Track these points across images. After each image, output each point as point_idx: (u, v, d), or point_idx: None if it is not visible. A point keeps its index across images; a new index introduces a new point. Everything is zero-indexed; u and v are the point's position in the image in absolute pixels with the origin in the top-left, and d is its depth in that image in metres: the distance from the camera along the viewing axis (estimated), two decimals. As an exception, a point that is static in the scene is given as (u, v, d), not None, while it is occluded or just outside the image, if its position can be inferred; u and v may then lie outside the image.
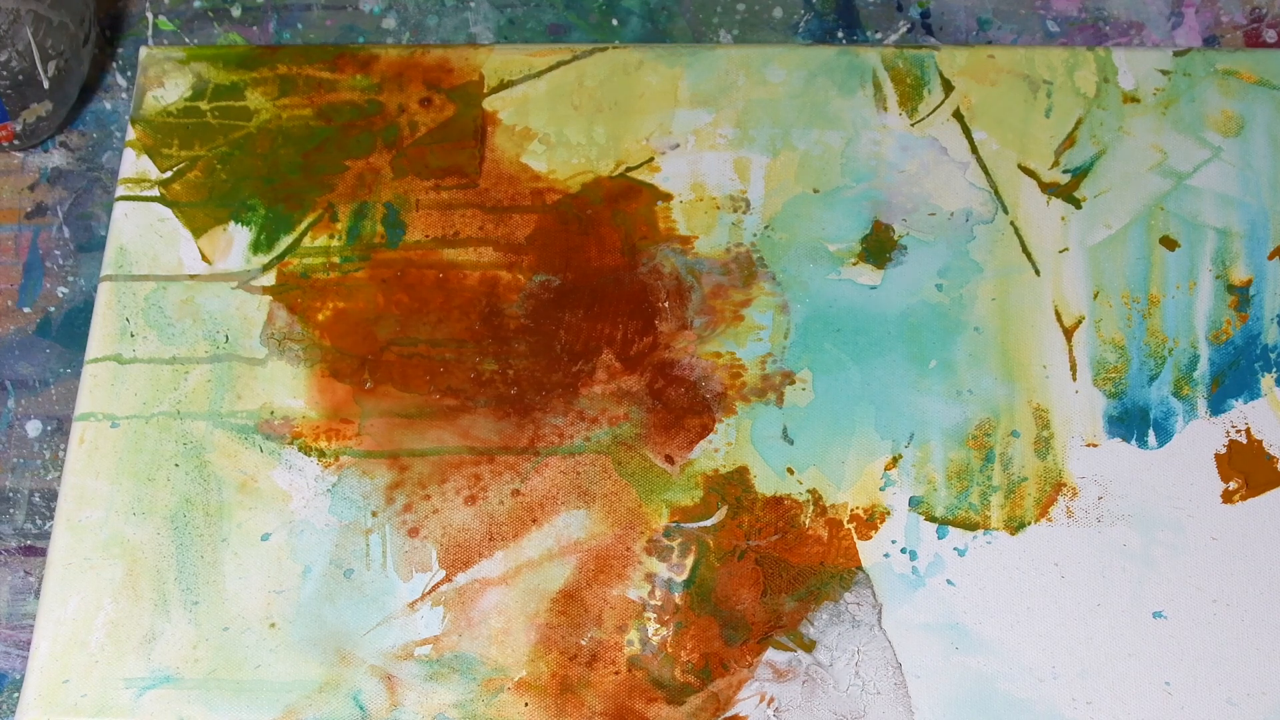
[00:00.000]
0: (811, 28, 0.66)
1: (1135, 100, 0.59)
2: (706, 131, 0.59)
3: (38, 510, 0.58)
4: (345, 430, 0.54)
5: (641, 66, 0.61)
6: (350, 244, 0.58)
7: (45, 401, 0.60)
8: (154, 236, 0.58)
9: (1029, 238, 0.57)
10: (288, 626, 0.51)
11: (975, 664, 0.50)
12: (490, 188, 0.58)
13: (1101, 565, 0.52)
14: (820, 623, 0.51)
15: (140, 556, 0.52)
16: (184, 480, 0.54)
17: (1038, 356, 0.55)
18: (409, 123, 0.60)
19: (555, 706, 0.50)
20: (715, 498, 0.53)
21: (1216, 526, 0.52)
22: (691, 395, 0.55)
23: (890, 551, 0.52)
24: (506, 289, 0.57)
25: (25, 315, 0.62)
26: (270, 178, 0.59)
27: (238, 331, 0.56)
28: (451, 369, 0.55)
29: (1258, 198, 0.57)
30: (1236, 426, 0.54)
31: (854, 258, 0.57)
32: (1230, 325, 0.55)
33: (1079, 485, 0.53)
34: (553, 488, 0.53)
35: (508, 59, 0.61)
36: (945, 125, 0.59)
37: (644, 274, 0.57)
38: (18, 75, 0.60)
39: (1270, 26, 0.66)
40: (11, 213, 0.63)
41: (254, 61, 0.61)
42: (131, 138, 0.60)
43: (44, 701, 0.50)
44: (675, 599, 0.51)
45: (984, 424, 0.54)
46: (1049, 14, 0.66)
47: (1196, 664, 0.50)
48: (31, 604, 0.57)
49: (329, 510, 0.53)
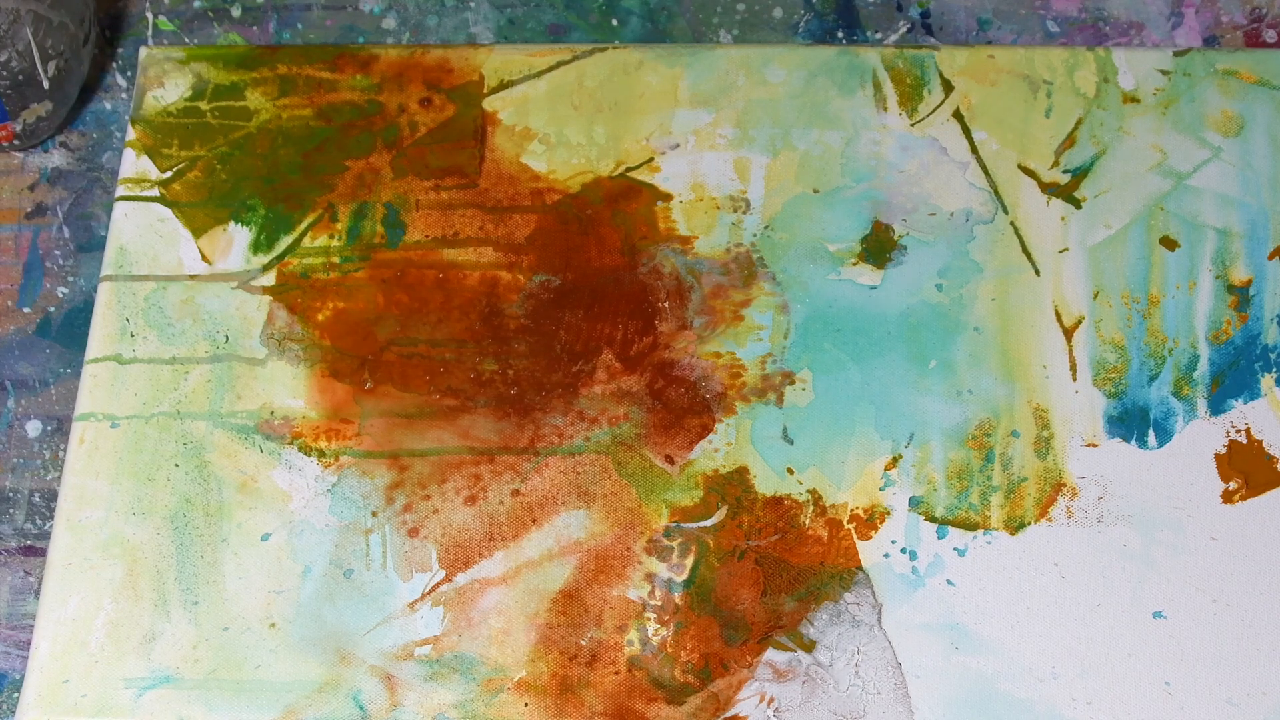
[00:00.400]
0: (811, 28, 0.66)
1: (1135, 100, 0.59)
2: (706, 131, 0.59)
3: (38, 510, 0.58)
4: (345, 430, 0.54)
5: (641, 66, 0.61)
6: (350, 244, 0.58)
7: (45, 401, 0.60)
8: (154, 236, 0.58)
9: (1029, 238, 0.57)
10: (288, 626, 0.51)
11: (975, 664, 0.50)
12: (490, 188, 0.58)
13: (1101, 565, 0.52)
14: (820, 623, 0.51)
15: (140, 556, 0.52)
16: (184, 480, 0.54)
17: (1038, 356, 0.55)
18: (409, 123, 0.60)
19: (555, 706, 0.50)
20: (715, 498, 0.53)
21: (1216, 526, 0.52)
22: (691, 395, 0.55)
23: (890, 551, 0.52)
24: (506, 289, 0.57)
25: (25, 315, 0.62)
26: (270, 178, 0.59)
27: (238, 331, 0.56)
28: (451, 369, 0.55)
29: (1258, 198, 0.57)
30: (1236, 426, 0.54)
31: (854, 258, 0.57)
32: (1230, 325, 0.55)
33: (1079, 485, 0.53)
34: (553, 488, 0.53)
35: (508, 59, 0.61)
36: (945, 125, 0.59)
37: (644, 274, 0.57)
38: (18, 75, 0.60)
39: (1270, 26, 0.66)
40: (11, 213, 0.63)
41: (254, 61, 0.61)
42: (131, 138, 0.60)
43: (44, 701, 0.50)
44: (675, 599, 0.51)
45: (984, 424, 0.54)
46: (1049, 14, 0.66)
47: (1196, 664, 0.50)
48: (31, 604, 0.57)
49: (329, 510, 0.53)
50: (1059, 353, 0.55)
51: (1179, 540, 0.52)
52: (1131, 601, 0.51)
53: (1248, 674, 0.50)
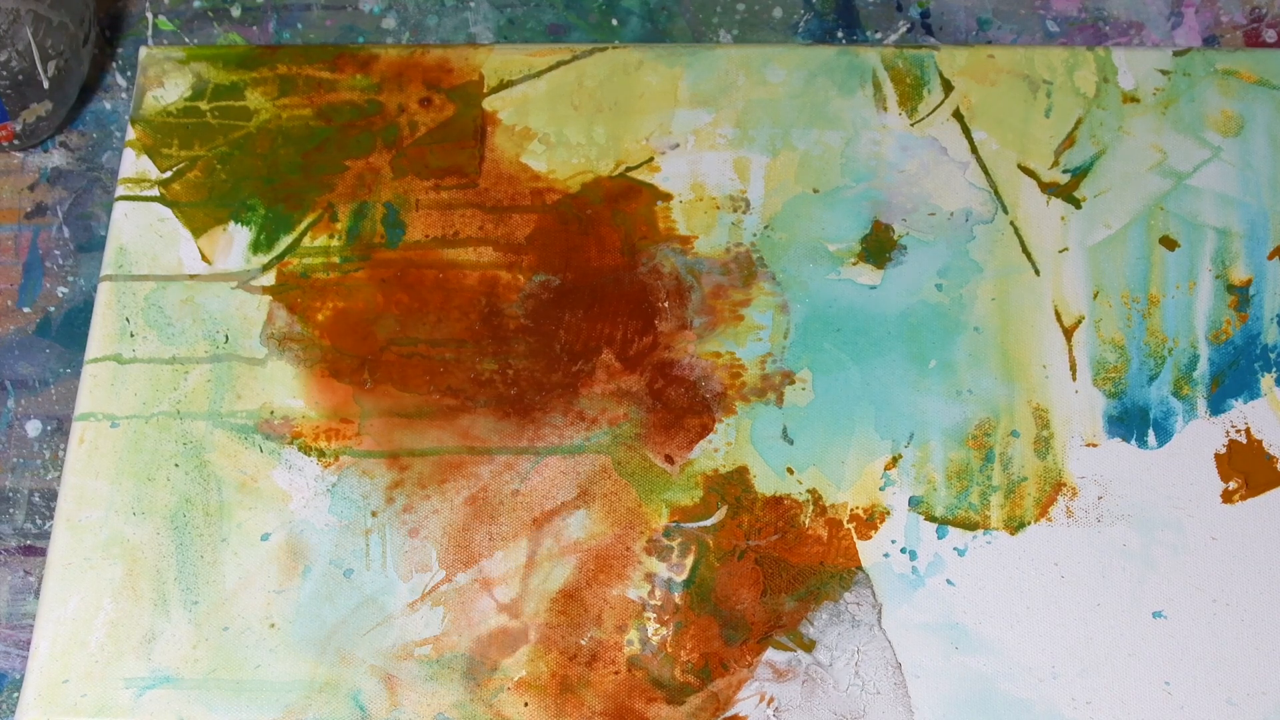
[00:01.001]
0: (811, 28, 0.66)
1: (1135, 100, 0.59)
2: (706, 131, 0.59)
3: (38, 510, 0.58)
4: (345, 430, 0.54)
5: (641, 66, 0.61)
6: (350, 244, 0.58)
7: (45, 401, 0.60)
8: (154, 236, 0.58)
9: (1029, 238, 0.57)
10: (288, 626, 0.51)
11: (975, 664, 0.50)
12: (490, 188, 0.58)
13: (1101, 565, 0.52)
14: (820, 623, 0.51)
15: (140, 556, 0.52)
16: (184, 480, 0.54)
17: (1038, 356, 0.55)
18: (409, 123, 0.60)
19: (555, 706, 0.50)
20: (715, 497, 0.53)
21: (1216, 526, 0.52)
22: (691, 395, 0.55)
23: (890, 551, 0.52)
24: (506, 289, 0.57)
25: (25, 315, 0.62)
26: (270, 178, 0.59)
27: (238, 331, 0.56)
28: (451, 369, 0.55)
29: (1257, 198, 0.57)
30: (1236, 426, 0.54)
31: (854, 258, 0.57)
32: (1230, 325, 0.55)
33: (1079, 485, 0.53)
34: (553, 488, 0.53)
35: (508, 59, 0.61)
36: (945, 125, 0.59)
37: (644, 274, 0.57)
38: (18, 75, 0.60)
39: (1270, 26, 0.66)
40: (11, 213, 0.63)
41: (254, 61, 0.61)
42: (131, 138, 0.60)
43: (44, 701, 0.50)
44: (675, 599, 0.51)
45: (984, 424, 0.54)
46: (1049, 14, 0.66)
47: (1196, 664, 0.50)
48: (31, 604, 0.57)
49: (329, 510, 0.53)
50: (1059, 353, 0.55)
51: (1179, 540, 0.52)
52: (1131, 601, 0.51)
53: (1248, 674, 0.50)
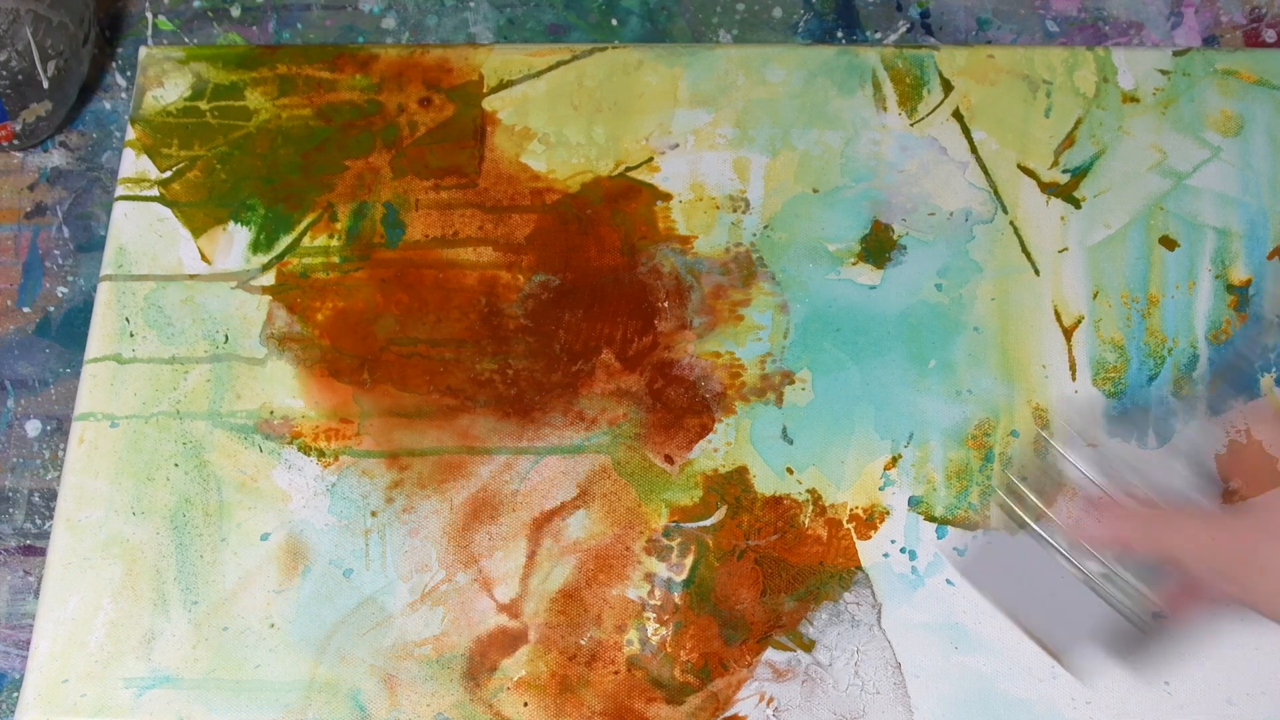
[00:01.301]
0: (811, 28, 0.66)
1: (1135, 100, 0.59)
2: (706, 131, 0.59)
3: (37, 510, 0.58)
4: (345, 430, 0.54)
5: (641, 66, 0.61)
6: (350, 244, 0.57)
7: (45, 401, 0.60)
8: (154, 236, 0.58)
9: (1029, 238, 0.57)
10: (287, 626, 0.51)
11: (975, 664, 0.50)
12: (490, 188, 0.58)
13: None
14: (820, 622, 0.51)
15: (140, 556, 0.52)
16: (184, 480, 0.54)
17: (1037, 356, 0.55)
18: (409, 123, 0.60)
19: (555, 706, 0.50)
20: (715, 497, 0.53)
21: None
22: (691, 395, 0.55)
23: (890, 551, 0.52)
24: (506, 289, 0.57)
25: (25, 315, 0.62)
26: (270, 178, 0.59)
27: (237, 331, 0.56)
28: (451, 369, 0.55)
29: (1257, 198, 0.57)
30: (1236, 426, 0.54)
31: (854, 257, 0.57)
32: (1230, 325, 0.55)
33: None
34: (552, 488, 0.53)
35: (507, 59, 0.61)
36: (945, 125, 0.59)
37: (643, 274, 0.57)
38: (18, 75, 0.60)
39: (1270, 26, 0.66)
40: (11, 213, 0.63)
41: (254, 61, 0.61)
42: (131, 138, 0.60)
43: (44, 701, 0.50)
44: (675, 599, 0.51)
45: (983, 424, 0.54)
46: (1049, 14, 0.66)
47: (1196, 664, 0.50)
48: (31, 604, 0.57)
49: (329, 510, 0.53)
50: (1059, 353, 0.55)
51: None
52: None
53: (1248, 674, 0.50)
